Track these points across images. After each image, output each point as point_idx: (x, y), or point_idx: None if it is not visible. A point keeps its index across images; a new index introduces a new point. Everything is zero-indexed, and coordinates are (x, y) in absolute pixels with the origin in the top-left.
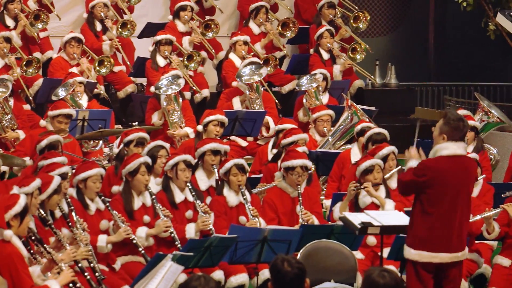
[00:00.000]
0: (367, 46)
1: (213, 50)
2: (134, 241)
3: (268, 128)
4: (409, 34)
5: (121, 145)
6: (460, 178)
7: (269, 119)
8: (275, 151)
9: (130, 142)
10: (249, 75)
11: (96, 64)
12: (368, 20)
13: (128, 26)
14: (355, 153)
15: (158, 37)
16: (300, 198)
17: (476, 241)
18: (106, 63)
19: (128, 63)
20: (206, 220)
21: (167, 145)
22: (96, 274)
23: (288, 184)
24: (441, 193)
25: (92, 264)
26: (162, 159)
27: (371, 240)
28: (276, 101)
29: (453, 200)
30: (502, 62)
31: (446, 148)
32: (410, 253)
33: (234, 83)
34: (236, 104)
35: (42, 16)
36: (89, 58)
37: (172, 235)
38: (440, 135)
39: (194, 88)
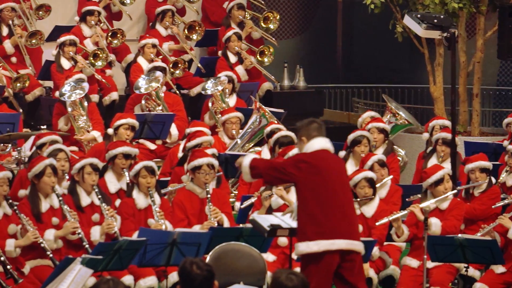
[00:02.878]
0: (273, 38)
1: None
2: (42, 245)
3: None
4: (317, 36)
5: (34, 148)
6: (335, 166)
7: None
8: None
9: (42, 145)
10: (147, 84)
11: None
12: (278, 19)
13: (37, 36)
14: (266, 155)
15: (62, 39)
16: (209, 196)
17: (385, 243)
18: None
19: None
20: (111, 223)
21: (67, 148)
22: (8, 266)
23: (196, 184)
24: (321, 182)
25: (2, 258)
26: (61, 162)
27: (283, 240)
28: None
29: (334, 187)
30: (410, 64)
31: (314, 143)
32: (308, 246)
33: (137, 91)
34: (138, 113)
35: None
36: None
37: (80, 236)
38: (300, 141)
39: (104, 82)
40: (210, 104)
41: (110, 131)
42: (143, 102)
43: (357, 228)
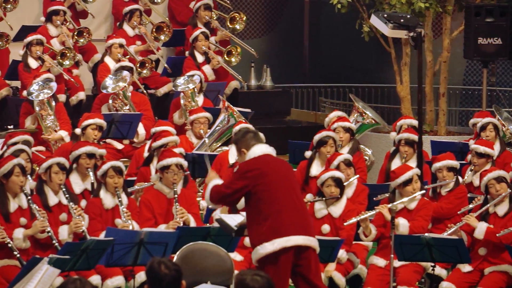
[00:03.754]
0: (252, 49)
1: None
2: (10, 245)
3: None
4: (284, 36)
5: (5, 147)
6: (280, 167)
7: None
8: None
9: (14, 144)
10: (114, 83)
11: None
12: (245, 20)
13: (3, 38)
14: (233, 154)
15: (29, 38)
16: (176, 196)
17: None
18: None
19: None
20: (78, 222)
21: (29, 149)
22: None
23: (164, 184)
24: (269, 184)
25: None
26: None
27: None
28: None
29: (282, 187)
30: (376, 64)
31: (255, 150)
32: (264, 248)
33: (104, 91)
34: (105, 112)
35: None
36: None
37: (49, 234)
38: (241, 154)
39: (73, 82)
40: (182, 101)
41: (77, 131)
42: (110, 101)
43: (311, 225)
